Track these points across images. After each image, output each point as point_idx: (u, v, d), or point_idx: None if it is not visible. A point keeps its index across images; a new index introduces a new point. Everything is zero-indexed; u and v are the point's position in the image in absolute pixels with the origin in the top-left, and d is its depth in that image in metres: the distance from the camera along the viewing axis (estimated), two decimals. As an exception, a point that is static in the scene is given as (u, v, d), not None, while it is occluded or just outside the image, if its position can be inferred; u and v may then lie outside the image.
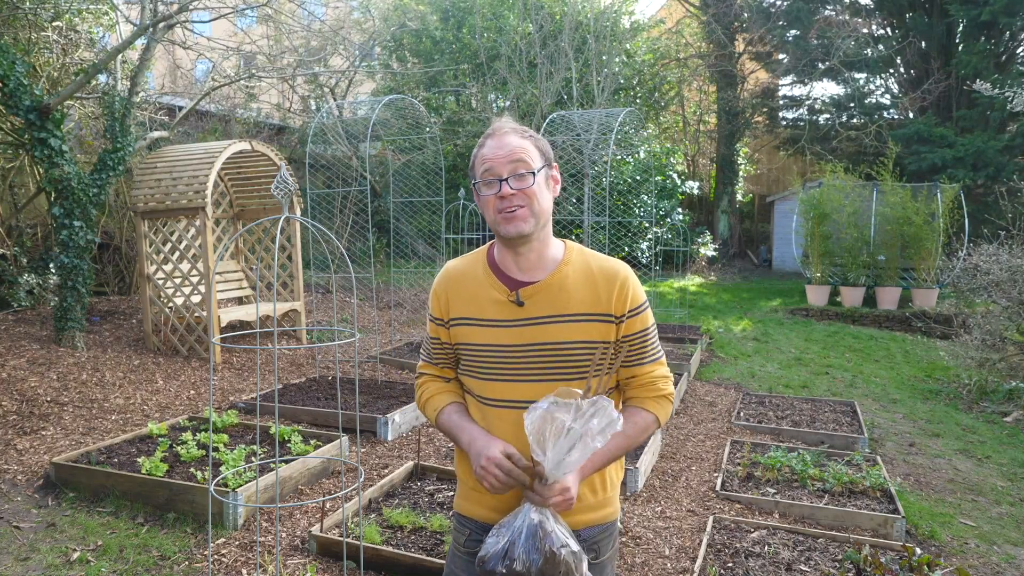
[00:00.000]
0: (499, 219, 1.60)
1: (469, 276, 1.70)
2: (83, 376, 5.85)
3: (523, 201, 1.59)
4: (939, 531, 3.97)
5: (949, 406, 6.93)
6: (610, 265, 1.67)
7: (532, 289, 1.63)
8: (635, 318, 1.65)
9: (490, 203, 1.61)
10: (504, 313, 1.63)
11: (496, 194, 1.60)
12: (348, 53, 14.56)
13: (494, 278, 1.67)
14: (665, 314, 10.95)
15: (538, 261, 1.65)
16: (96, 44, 8.41)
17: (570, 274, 1.64)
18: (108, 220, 8.85)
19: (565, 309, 1.61)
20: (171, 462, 4.14)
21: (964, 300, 9.96)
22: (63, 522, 3.64)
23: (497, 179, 1.59)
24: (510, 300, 1.64)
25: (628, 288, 1.64)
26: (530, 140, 1.64)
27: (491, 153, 1.61)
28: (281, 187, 1.85)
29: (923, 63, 16.55)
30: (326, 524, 3.46)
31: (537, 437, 1.47)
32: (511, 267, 1.67)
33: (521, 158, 1.59)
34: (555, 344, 1.60)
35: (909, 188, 12.22)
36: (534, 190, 1.60)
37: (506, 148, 1.60)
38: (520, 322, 1.62)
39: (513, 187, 1.58)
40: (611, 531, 1.71)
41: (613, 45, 13.95)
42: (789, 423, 5.82)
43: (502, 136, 1.63)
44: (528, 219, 1.59)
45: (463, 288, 1.69)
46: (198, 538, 3.51)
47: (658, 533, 3.76)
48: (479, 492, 1.68)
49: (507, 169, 1.59)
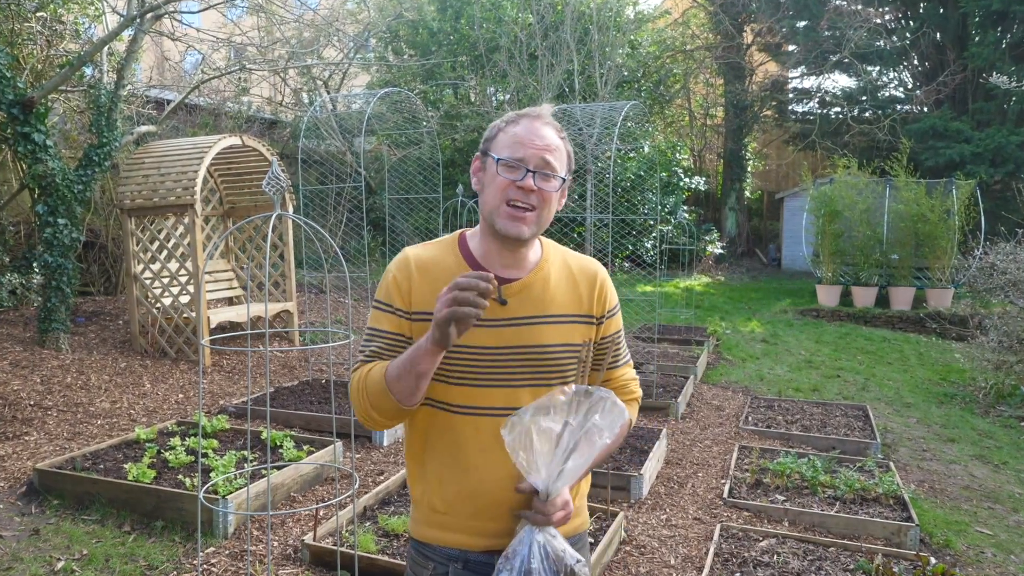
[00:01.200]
0: (504, 211, 1.49)
1: (440, 266, 1.55)
2: (68, 379, 5.85)
3: (537, 203, 1.49)
4: (954, 540, 3.97)
5: (965, 410, 6.93)
6: (588, 264, 1.64)
7: (516, 287, 1.54)
8: (612, 319, 1.63)
9: (502, 187, 1.49)
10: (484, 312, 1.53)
11: (517, 181, 1.47)
12: (342, 45, 14.57)
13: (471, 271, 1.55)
14: (671, 315, 10.95)
15: (522, 260, 1.57)
16: (82, 35, 8.41)
17: (552, 272, 1.58)
18: (94, 218, 8.86)
19: (549, 309, 1.54)
20: (159, 468, 4.14)
21: (980, 300, 9.97)
22: (47, 530, 3.64)
23: (523, 166, 1.48)
24: (492, 297, 1.49)
25: (606, 288, 1.62)
26: (564, 143, 1.55)
27: (527, 137, 1.49)
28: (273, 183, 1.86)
29: (938, 55, 16.55)
30: (319, 532, 3.46)
31: (524, 455, 1.38)
32: (492, 262, 1.55)
33: (554, 158, 1.50)
34: (538, 347, 1.52)
35: (924, 184, 12.22)
36: (552, 196, 1.51)
37: (543, 140, 1.50)
38: (501, 322, 1.51)
39: (536, 184, 1.48)
40: (584, 542, 1.67)
41: (616, 36, 13.96)
42: (799, 428, 5.82)
43: (543, 125, 1.52)
44: (532, 225, 1.50)
45: (432, 280, 1.53)
46: (187, 547, 3.51)
47: (663, 542, 3.76)
48: (446, 514, 1.54)
49: (536, 162, 1.48)
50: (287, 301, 7.93)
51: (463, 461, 1.51)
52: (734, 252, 18.78)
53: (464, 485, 1.51)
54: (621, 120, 7.68)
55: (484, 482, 1.50)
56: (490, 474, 1.49)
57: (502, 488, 1.49)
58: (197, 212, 6.50)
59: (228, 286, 8.19)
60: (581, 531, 1.64)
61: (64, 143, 8.51)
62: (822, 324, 11.28)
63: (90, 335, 7.14)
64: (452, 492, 1.52)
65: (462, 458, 1.51)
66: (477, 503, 1.51)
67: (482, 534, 1.52)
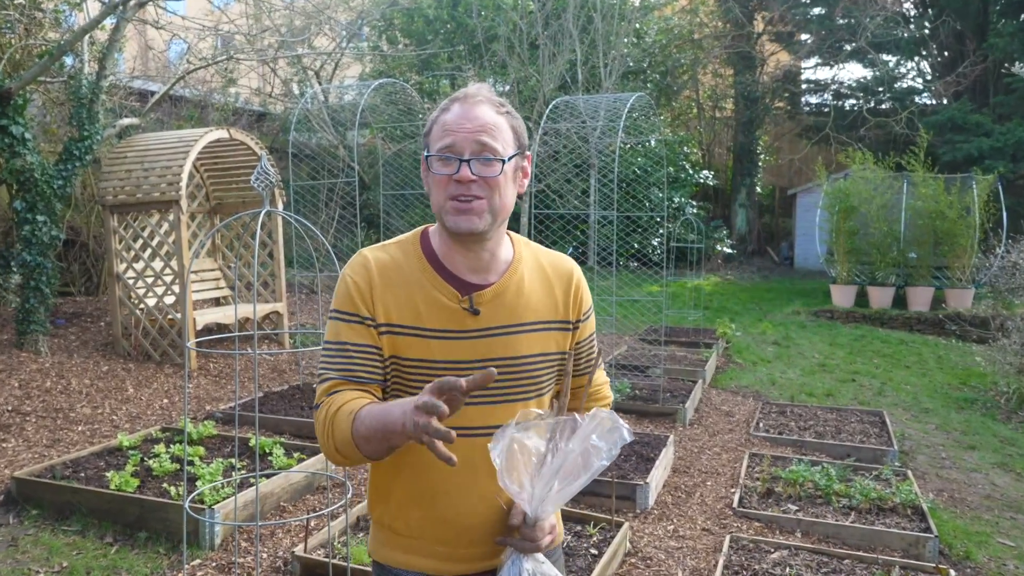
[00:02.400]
0: (448, 207, 1.41)
1: (402, 272, 1.47)
2: (47, 384, 5.85)
3: (483, 192, 1.40)
4: (975, 551, 3.97)
5: (986, 416, 6.93)
6: (561, 262, 1.58)
7: (487, 294, 1.46)
8: (587, 322, 1.59)
9: (441, 184, 1.42)
10: (453, 322, 1.44)
11: (453, 176, 1.40)
12: (334, 33, 14.56)
13: (438, 278, 1.47)
14: (679, 316, 10.95)
15: (491, 261, 1.49)
16: (62, 24, 8.41)
17: (525, 275, 1.51)
18: (74, 214, 8.85)
19: (523, 317, 1.48)
20: (142, 477, 4.14)
21: (1002, 301, 9.96)
22: (25, 541, 3.64)
23: (457, 158, 1.39)
24: (463, 307, 1.45)
25: (581, 289, 1.57)
26: (506, 118, 1.45)
27: (456, 123, 1.41)
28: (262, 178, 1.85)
29: (957, 44, 16.57)
30: (310, 544, 3.46)
31: (511, 472, 1.32)
32: (458, 266, 1.48)
33: (492, 138, 1.40)
34: (514, 359, 1.46)
35: (942, 179, 12.22)
36: (499, 181, 1.41)
37: (476, 121, 1.41)
38: (474, 333, 1.44)
39: (475, 172, 1.39)
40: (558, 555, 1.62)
41: (621, 25, 13.96)
42: (812, 434, 5.82)
43: (474, 105, 1.43)
44: (484, 215, 1.41)
45: (393, 285, 1.46)
46: (172, 559, 3.51)
47: (670, 554, 3.76)
48: (410, 538, 1.49)
49: (471, 148, 1.39)
50: (277, 302, 7.93)
51: (433, 486, 1.45)
52: (744, 250, 18.79)
53: (432, 511, 1.46)
54: (626, 112, 7.67)
55: (454, 507, 1.45)
56: (462, 499, 1.44)
57: (474, 513, 1.45)
58: (182, 209, 6.50)
59: (215, 286, 8.19)
60: (558, 543, 1.59)
61: (43, 136, 8.51)
62: (836, 326, 11.29)
63: (70, 337, 7.14)
64: (416, 517, 1.47)
65: (432, 482, 1.45)
66: (447, 530, 1.46)
67: (453, 559, 1.47)
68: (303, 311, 9.62)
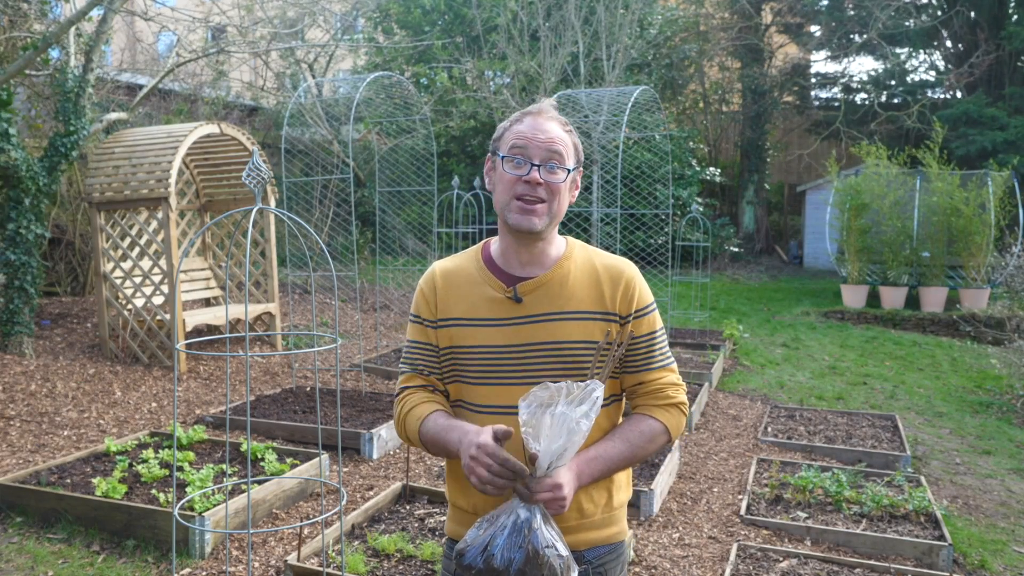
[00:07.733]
0: (514, 206, 1.66)
1: (462, 274, 1.76)
2: (32, 387, 5.85)
3: (546, 196, 1.65)
4: (990, 560, 3.97)
5: (1002, 420, 6.93)
6: (615, 263, 1.74)
7: (531, 284, 1.69)
8: (642, 319, 1.72)
9: (510, 183, 1.66)
10: (499, 311, 1.69)
11: (523, 177, 1.65)
12: (328, 25, 14.56)
13: (489, 274, 1.73)
14: (684, 317, 10.95)
15: (541, 256, 1.72)
16: (47, 15, 8.41)
17: (572, 270, 1.72)
18: (60, 212, 8.85)
19: (566, 306, 1.68)
20: (130, 483, 4.14)
21: (1018, 301, 9.95)
22: (9, 550, 3.64)
23: (528, 161, 1.65)
24: (507, 296, 1.69)
25: (634, 287, 1.71)
26: (570, 136, 1.71)
27: (530, 132, 1.66)
28: (253, 175, 1.85)
29: (972, 35, 16.54)
30: (304, 552, 3.46)
31: (532, 426, 1.49)
32: (511, 262, 1.72)
33: (559, 150, 1.66)
34: (555, 344, 1.66)
35: (957, 175, 12.20)
36: (560, 187, 1.67)
37: (547, 134, 1.66)
38: (517, 320, 1.68)
39: (542, 177, 1.64)
40: (619, 552, 1.75)
41: (625, 15, 13.95)
42: (822, 439, 5.82)
43: (546, 120, 1.68)
44: (544, 216, 1.66)
45: (454, 287, 1.74)
46: (160, 568, 3.51)
47: (676, 563, 3.76)
48: (471, 513, 1.70)
49: (542, 156, 1.65)
50: (269, 302, 7.93)
51: None
52: (752, 249, 18.78)
53: None
54: (630, 106, 7.69)
55: None
56: None
57: None
58: (172, 206, 6.50)
59: (205, 286, 8.19)
60: (614, 541, 1.74)
61: (28, 131, 8.50)
62: (847, 327, 11.29)
63: (56, 339, 7.14)
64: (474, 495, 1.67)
65: None
66: (499, 503, 1.60)
67: None
68: (296, 312, 9.62)
